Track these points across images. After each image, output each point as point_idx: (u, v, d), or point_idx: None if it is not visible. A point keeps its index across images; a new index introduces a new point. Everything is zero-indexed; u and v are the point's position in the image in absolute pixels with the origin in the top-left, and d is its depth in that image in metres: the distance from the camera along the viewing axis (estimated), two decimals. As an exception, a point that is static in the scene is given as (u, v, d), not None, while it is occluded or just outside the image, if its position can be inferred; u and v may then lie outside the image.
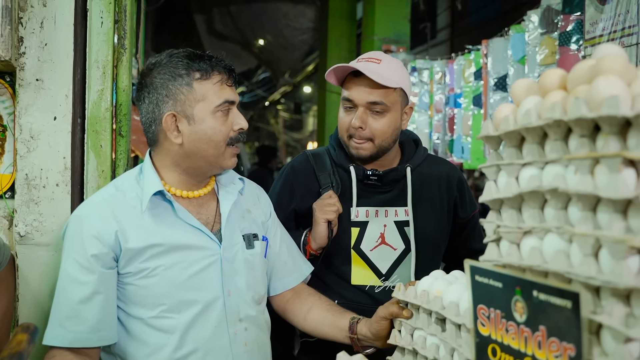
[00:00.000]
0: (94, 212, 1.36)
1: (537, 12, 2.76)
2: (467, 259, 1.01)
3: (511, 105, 1.00)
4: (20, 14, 1.54)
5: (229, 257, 1.44)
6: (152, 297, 1.35)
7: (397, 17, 5.38)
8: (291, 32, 7.95)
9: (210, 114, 1.38)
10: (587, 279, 0.80)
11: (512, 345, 0.92)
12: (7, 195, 1.60)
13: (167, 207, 1.41)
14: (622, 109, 0.75)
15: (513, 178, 0.97)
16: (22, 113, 1.55)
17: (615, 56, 0.82)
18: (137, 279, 1.35)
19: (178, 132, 1.38)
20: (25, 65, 1.55)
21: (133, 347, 1.37)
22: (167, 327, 1.36)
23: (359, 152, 1.72)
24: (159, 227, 1.37)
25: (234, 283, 1.44)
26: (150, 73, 1.40)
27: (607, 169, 0.78)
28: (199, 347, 1.37)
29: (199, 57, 1.40)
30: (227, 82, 1.41)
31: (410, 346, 1.27)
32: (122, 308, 1.37)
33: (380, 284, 1.76)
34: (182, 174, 1.44)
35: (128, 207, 1.38)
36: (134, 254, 1.34)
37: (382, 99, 1.66)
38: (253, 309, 1.48)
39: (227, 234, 1.46)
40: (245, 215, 1.54)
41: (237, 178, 1.57)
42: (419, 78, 4.08)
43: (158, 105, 1.38)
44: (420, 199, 1.79)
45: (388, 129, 1.69)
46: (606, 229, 0.79)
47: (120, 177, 1.50)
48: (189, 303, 1.37)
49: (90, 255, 1.31)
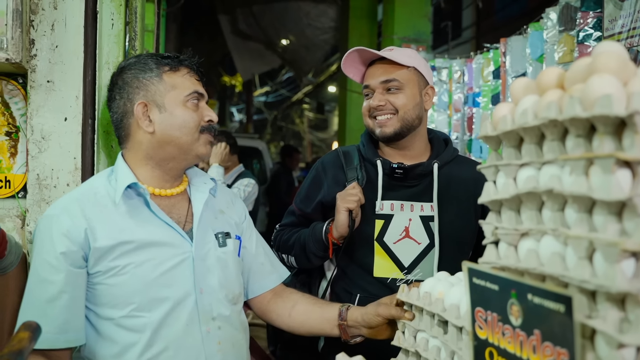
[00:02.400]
0: (64, 210, 1.35)
1: (555, 10, 2.71)
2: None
3: (510, 105, 0.98)
4: (31, 16, 1.57)
5: (201, 255, 1.44)
6: (123, 296, 1.34)
7: (417, 16, 5.35)
8: (313, 32, 7.96)
9: (181, 103, 1.42)
10: (581, 282, 0.78)
11: (508, 349, 0.90)
12: (20, 195, 1.64)
13: (140, 202, 1.41)
14: (616, 108, 0.73)
15: (511, 179, 0.95)
16: (33, 114, 1.58)
17: (612, 54, 0.80)
18: (107, 277, 1.34)
19: (150, 121, 1.41)
20: (36, 67, 1.58)
21: (103, 348, 1.36)
22: (137, 326, 1.35)
23: (383, 130, 1.77)
24: (130, 223, 1.37)
25: (206, 281, 1.43)
26: (121, 72, 1.46)
27: (601, 170, 0.76)
28: (170, 346, 1.36)
29: (167, 56, 1.46)
30: (195, 76, 1.47)
31: (413, 348, 1.26)
32: (92, 309, 1.37)
33: (402, 277, 1.76)
34: (155, 168, 1.45)
35: (98, 205, 1.38)
36: (103, 253, 1.34)
37: (394, 77, 1.75)
38: (227, 308, 1.47)
39: (199, 233, 1.46)
40: (218, 215, 1.55)
41: (208, 178, 1.58)
42: (438, 77, 4.04)
43: (129, 98, 1.42)
44: (447, 196, 1.80)
45: (408, 102, 1.76)
46: (601, 231, 0.77)
47: (91, 178, 1.51)
48: (159, 301, 1.36)
49: (59, 253, 1.31)
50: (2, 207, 1.64)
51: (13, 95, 1.64)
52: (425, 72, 1.83)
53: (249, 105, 17.10)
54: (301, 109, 18.27)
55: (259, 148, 8.28)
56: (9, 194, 1.65)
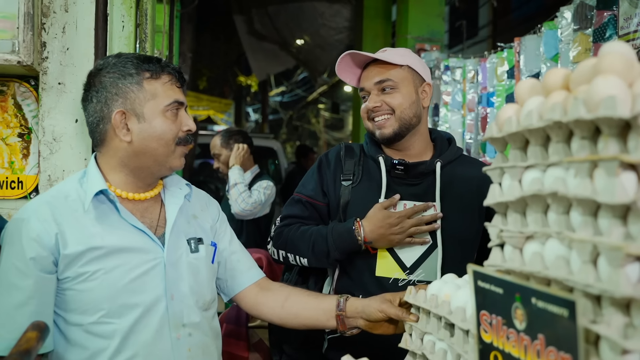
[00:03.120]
0: (34, 214, 1.33)
1: (570, 8, 2.68)
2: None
3: (515, 106, 0.97)
4: (43, 19, 1.59)
5: (172, 260, 1.42)
6: (92, 302, 1.33)
7: (430, 16, 5.32)
8: (328, 32, 7.96)
9: (160, 113, 1.38)
10: (585, 286, 0.77)
11: (512, 353, 0.89)
12: (32, 196, 1.66)
13: (110, 208, 1.39)
14: (620, 110, 0.72)
15: (516, 181, 0.94)
16: (45, 116, 1.60)
17: (617, 55, 0.78)
18: (76, 283, 1.32)
19: (127, 130, 1.37)
20: (47, 70, 1.60)
21: (71, 354, 1.34)
22: (107, 333, 1.33)
23: (382, 132, 1.77)
24: (100, 229, 1.35)
25: (177, 287, 1.42)
26: (99, 73, 1.40)
27: (605, 172, 0.75)
28: (139, 352, 1.35)
29: (148, 59, 1.41)
30: (176, 84, 1.43)
31: (419, 351, 1.25)
32: (61, 315, 1.35)
33: (404, 277, 1.75)
34: (129, 175, 1.43)
35: (69, 209, 1.36)
36: (73, 258, 1.32)
37: (387, 77, 1.75)
38: (197, 315, 1.46)
39: (172, 238, 1.44)
40: (191, 220, 1.53)
41: (184, 183, 1.56)
42: (451, 77, 4.01)
43: (107, 104, 1.38)
44: (450, 196, 1.78)
45: (404, 101, 1.75)
46: (606, 235, 0.76)
47: (63, 180, 1.49)
48: (129, 307, 1.35)
49: (28, 258, 1.29)
50: (15, 207, 1.67)
51: (25, 97, 1.67)
52: (420, 69, 1.82)
53: (265, 105, 17.14)
54: (317, 108, 18.28)
55: (274, 148, 8.29)
56: (22, 195, 1.68)
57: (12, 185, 1.67)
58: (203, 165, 8.07)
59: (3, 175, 1.68)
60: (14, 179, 1.67)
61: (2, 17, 1.54)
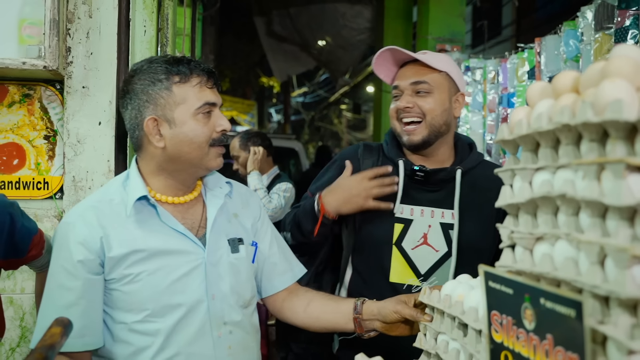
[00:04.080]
0: (80, 219, 1.37)
1: (591, 8, 2.66)
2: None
3: (526, 109, 0.98)
4: (67, 25, 1.64)
5: (213, 261, 1.45)
6: (137, 303, 1.37)
7: (451, 16, 5.30)
8: (349, 33, 7.97)
9: (191, 116, 1.39)
10: (593, 287, 0.78)
11: (522, 353, 0.90)
12: (57, 196, 1.71)
13: (151, 212, 1.41)
14: (626, 113, 0.72)
15: (527, 183, 0.95)
16: (69, 119, 1.66)
17: (626, 58, 0.79)
18: (122, 284, 1.37)
19: (160, 136, 1.39)
20: (72, 74, 1.65)
21: (117, 349, 1.39)
22: (151, 331, 1.37)
23: (411, 138, 1.73)
24: (143, 233, 1.39)
25: (218, 287, 1.44)
26: (132, 79, 1.42)
27: (612, 175, 0.75)
28: (182, 350, 1.39)
29: (178, 61, 1.41)
30: (207, 84, 1.42)
31: (433, 350, 1.26)
32: (108, 312, 1.40)
33: (418, 284, 1.74)
34: (168, 178, 1.45)
35: (113, 213, 1.39)
36: (117, 261, 1.36)
37: (424, 78, 1.71)
38: (238, 313, 1.48)
39: (212, 239, 1.46)
40: (232, 219, 1.54)
41: (224, 182, 1.57)
42: (472, 77, 4.00)
43: (140, 111, 1.40)
44: (469, 203, 1.76)
45: (437, 107, 1.71)
46: (613, 236, 0.77)
47: (108, 183, 1.52)
48: (172, 307, 1.38)
49: (76, 261, 1.34)
50: (41, 207, 1.72)
51: (51, 101, 1.72)
52: (457, 78, 1.79)
53: (287, 106, 17.22)
54: (339, 109, 18.30)
55: (295, 149, 8.32)
56: (47, 195, 1.73)
57: (38, 186, 1.72)
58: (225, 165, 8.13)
59: (30, 177, 1.73)
60: (40, 180, 1.73)
61: (29, 23, 1.60)
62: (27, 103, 1.74)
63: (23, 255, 1.52)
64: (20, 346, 1.74)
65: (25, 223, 1.50)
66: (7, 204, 1.45)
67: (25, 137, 1.74)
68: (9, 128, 1.75)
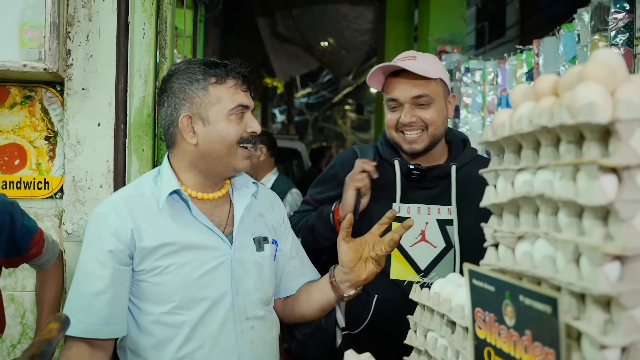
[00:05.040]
0: (113, 210, 1.43)
1: (587, 10, 2.67)
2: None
3: (510, 111, 1.00)
4: (68, 28, 1.67)
5: (239, 258, 1.49)
6: (164, 294, 1.41)
7: (452, 17, 5.32)
8: (351, 34, 7.99)
9: (225, 116, 1.44)
10: (568, 284, 0.81)
11: (503, 349, 0.93)
12: (57, 196, 1.75)
13: (183, 207, 1.47)
14: (598, 116, 0.75)
15: (509, 183, 0.98)
16: (69, 120, 1.69)
17: (601, 62, 0.82)
18: (151, 276, 1.41)
19: (193, 133, 1.45)
20: (72, 76, 1.68)
21: (142, 339, 1.43)
22: (176, 323, 1.41)
23: (413, 147, 1.75)
24: (174, 226, 1.43)
25: (242, 283, 1.49)
26: (170, 79, 1.48)
27: (586, 175, 0.78)
28: (206, 343, 1.43)
29: (215, 64, 1.47)
30: (242, 88, 1.48)
31: (422, 347, 1.29)
32: (135, 303, 1.44)
33: (419, 280, 1.77)
34: (198, 175, 1.50)
35: (145, 206, 1.44)
36: (148, 252, 1.40)
37: (425, 92, 1.71)
38: (261, 309, 1.52)
39: (239, 236, 1.51)
40: (258, 219, 1.59)
41: (251, 182, 1.62)
42: (472, 79, 4.02)
43: (176, 108, 1.45)
44: (465, 198, 1.79)
45: (438, 118, 1.74)
46: (588, 235, 0.79)
47: (139, 178, 1.57)
48: (198, 300, 1.43)
49: (107, 251, 1.38)
50: (42, 207, 1.75)
51: (52, 102, 1.75)
52: (447, 80, 1.81)
53: (290, 106, 17.25)
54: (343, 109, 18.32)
55: (298, 149, 8.35)
56: (48, 195, 1.76)
57: (39, 186, 1.76)
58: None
59: (30, 177, 1.77)
60: (41, 180, 1.76)
61: (30, 26, 1.63)
62: (28, 104, 1.78)
63: (23, 254, 1.55)
64: (21, 343, 1.77)
65: (25, 222, 1.53)
66: (7, 203, 1.48)
67: (26, 138, 1.78)
68: (11, 129, 1.79)
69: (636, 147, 0.76)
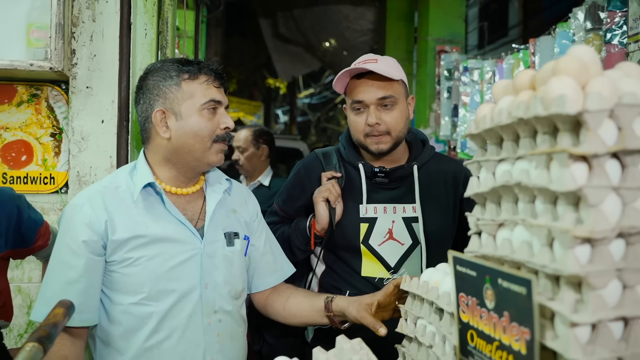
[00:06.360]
0: (88, 201, 1.45)
1: (582, 9, 2.72)
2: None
3: (491, 105, 1.06)
4: (72, 29, 1.73)
5: (209, 252, 1.53)
6: (134, 285, 1.44)
7: (451, 17, 5.36)
8: (352, 34, 8.03)
9: (197, 111, 1.48)
10: (542, 267, 0.86)
11: (484, 331, 0.98)
12: (62, 191, 1.80)
13: (156, 199, 1.50)
14: (568, 107, 0.80)
15: (490, 174, 1.03)
16: (74, 117, 1.75)
17: (573, 57, 0.87)
18: (121, 267, 1.44)
19: (167, 128, 1.48)
20: (77, 75, 1.74)
21: (112, 328, 1.47)
22: (145, 314, 1.45)
23: (380, 147, 1.79)
24: (146, 218, 1.47)
25: (211, 277, 1.52)
26: (146, 77, 1.53)
27: (558, 163, 0.83)
28: (173, 334, 1.47)
29: (189, 62, 1.52)
30: (214, 84, 1.52)
31: (412, 334, 1.34)
32: (106, 293, 1.47)
33: (389, 277, 1.82)
34: (173, 170, 1.53)
35: (119, 199, 1.48)
36: (120, 244, 1.43)
37: (390, 93, 1.75)
38: (229, 303, 1.56)
39: (210, 231, 1.54)
40: (230, 214, 1.62)
41: (224, 179, 1.65)
42: (470, 78, 4.07)
43: (150, 104, 1.50)
44: (428, 196, 1.85)
45: (401, 120, 1.78)
46: (561, 220, 0.84)
47: (116, 171, 1.60)
48: (167, 292, 1.46)
49: (81, 241, 1.41)
50: (47, 201, 1.81)
51: (57, 100, 1.81)
52: (407, 82, 1.85)
53: (293, 107, 17.30)
54: (345, 110, 18.33)
55: (300, 149, 8.41)
56: (53, 190, 1.82)
57: (44, 181, 1.82)
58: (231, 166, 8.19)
59: (37, 172, 1.83)
60: (47, 175, 1.82)
61: (36, 27, 1.69)
62: (34, 102, 1.84)
63: (30, 245, 1.61)
64: (27, 332, 1.83)
65: (32, 215, 1.58)
66: (14, 197, 1.54)
67: (32, 135, 1.84)
68: (18, 126, 1.85)
69: (604, 136, 0.81)
